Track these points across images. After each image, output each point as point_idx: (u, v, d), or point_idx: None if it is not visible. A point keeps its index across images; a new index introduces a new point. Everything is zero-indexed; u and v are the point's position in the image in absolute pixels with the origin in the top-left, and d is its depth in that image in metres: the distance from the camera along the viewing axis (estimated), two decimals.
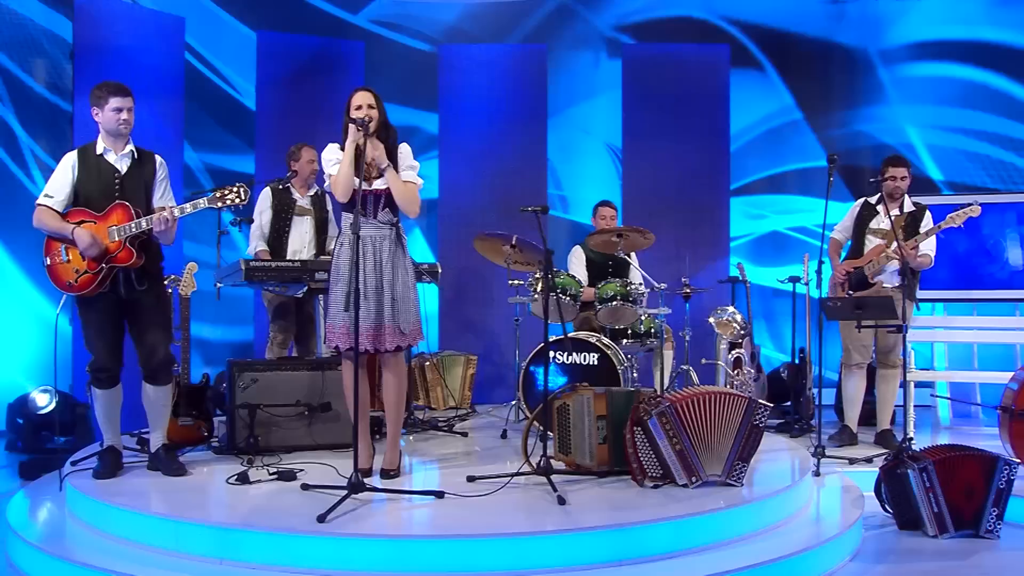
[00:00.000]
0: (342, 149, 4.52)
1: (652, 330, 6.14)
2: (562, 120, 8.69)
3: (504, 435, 5.82)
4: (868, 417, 6.62)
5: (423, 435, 5.92)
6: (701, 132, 8.22)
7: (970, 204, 5.78)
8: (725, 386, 6.51)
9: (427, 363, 7.03)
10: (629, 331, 6.09)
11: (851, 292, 6.00)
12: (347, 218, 4.59)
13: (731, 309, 6.53)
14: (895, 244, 5.85)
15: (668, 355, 6.34)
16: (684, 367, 6.34)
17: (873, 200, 6.24)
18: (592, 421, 4.60)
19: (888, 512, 4.83)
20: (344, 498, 3.90)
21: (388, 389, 4.65)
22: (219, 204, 4.52)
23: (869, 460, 5.66)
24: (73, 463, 4.81)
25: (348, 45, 8.17)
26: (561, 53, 8.83)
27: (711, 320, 6.62)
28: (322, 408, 5.22)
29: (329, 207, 6.28)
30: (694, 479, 4.37)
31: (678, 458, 4.36)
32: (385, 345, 4.50)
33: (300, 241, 6.07)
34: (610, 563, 3.69)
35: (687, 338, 6.46)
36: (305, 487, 4.27)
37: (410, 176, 4.62)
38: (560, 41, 8.94)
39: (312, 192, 6.21)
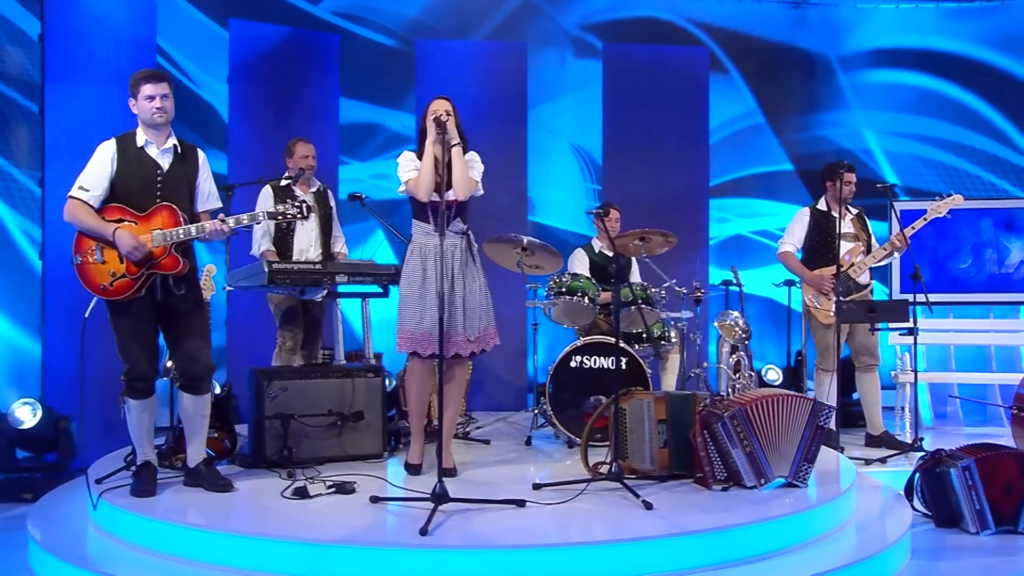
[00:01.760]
0: (418, 157, 4.75)
1: (665, 334, 6.26)
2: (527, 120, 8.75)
3: (528, 442, 5.86)
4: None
5: None
6: (681, 134, 8.39)
7: (951, 194, 6.15)
8: (727, 389, 6.69)
9: None
10: (644, 335, 6.20)
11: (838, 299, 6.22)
12: (418, 227, 4.80)
13: (735, 313, 6.71)
14: (865, 243, 6.31)
15: (675, 359, 6.47)
16: (696, 370, 6.49)
17: (823, 207, 6.52)
18: (653, 425, 4.69)
19: (917, 511, 5.06)
20: (434, 510, 3.86)
21: (451, 391, 4.82)
22: (278, 219, 4.50)
23: (884, 461, 5.92)
24: (98, 481, 4.60)
25: (322, 38, 8.02)
26: (526, 51, 8.89)
27: (716, 324, 6.79)
28: (354, 417, 5.14)
29: (332, 203, 6.19)
30: (763, 481, 4.51)
31: (748, 460, 4.49)
32: (458, 351, 4.72)
33: (306, 240, 5.95)
34: (714, 566, 3.79)
35: (698, 341, 6.62)
36: (374, 499, 4.20)
37: (474, 172, 4.83)
38: (525, 39, 8.99)
39: (314, 189, 6.11)
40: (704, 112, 8.48)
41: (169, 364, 5.47)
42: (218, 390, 5.23)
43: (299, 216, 4.44)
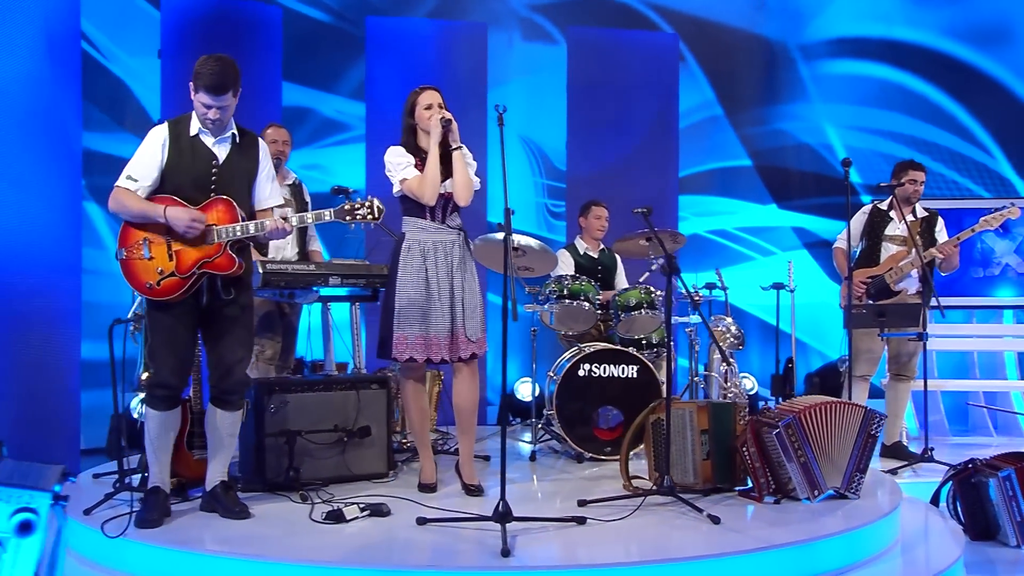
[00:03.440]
0: (410, 152, 4.93)
1: (665, 340, 6.53)
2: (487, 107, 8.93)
3: (533, 457, 6.04)
4: None
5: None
6: (649, 126, 8.70)
7: (1008, 207, 6.54)
8: (719, 397, 7.02)
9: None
10: (644, 341, 6.45)
11: (871, 302, 6.61)
12: (413, 223, 4.96)
13: (728, 319, 7.03)
14: (915, 250, 6.53)
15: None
16: (696, 378, 6.79)
17: (884, 206, 6.87)
18: (695, 436, 4.94)
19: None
20: (504, 530, 4.00)
21: (463, 399, 5.04)
22: (346, 219, 4.46)
23: (894, 472, 6.33)
24: (87, 512, 4.54)
25: (261, 10, 8.00)
26: (487, 33, 9.05)
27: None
28: (361, 433, 5.22)
29: (307, 198, 6.23)
30: (816, 493, 4.81)
31: (801, 471, 4.78)
32: (460, 353, 4.94)
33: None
34: None
35: (697, 347, 6.92)
36: (421, 521, 4.30)
37: (471, 172, 5.07)
38: (471, 19, 9.15)
39: (289, 181, 6.14)
40: (673, 103, 8.82)
41: (144, 377, 5.46)
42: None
43: (370, 218, 4.46)
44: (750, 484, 4.96)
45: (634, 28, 9.38)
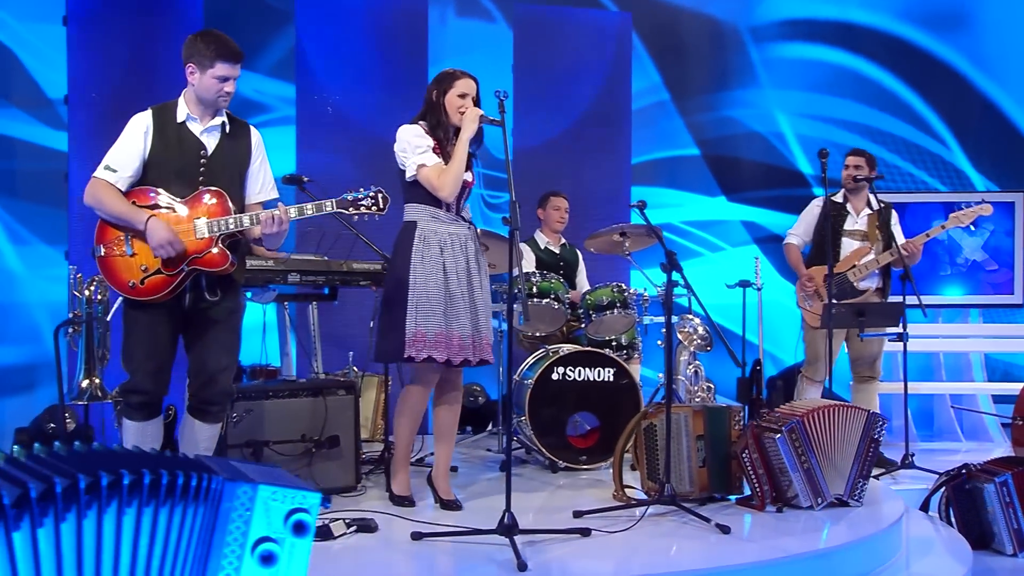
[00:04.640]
0: (427, 133, 4.93)
1: (635, 341, 6.72)
2: None
3: (503, 467, 6.13)
4: None
5: None
6: (598, 111, 8.89)
7: (980, 203, 6.88)
8: (687, 400, 7.23)
9: None
10: (614, 343, 6.61)
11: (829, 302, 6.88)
12: (423, 211, 4.93)
13: (696, 320, 7.24)
14: (878, 246, 6.85)
15: (635, 368, 6.92)
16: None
17: (838, 198, 7.18)
18: (691, 442, 5.13)
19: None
20: (514, 544, 4.11)
21: (448, 412, 5.14)
22: (350, 210, 4.43)
23: (877, 478, 6.60)
24: None
25: None
26: (427, 8, 9.08)
27: (678, 331, 7.30)
28: (329, 443, 5.27)
29: None
30: (819, 500, 5.04)
31: (805, 478, 5.00)
32: (481, 356, 4.98)
33: None
34: None
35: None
36: (417, 536, 4.39)
37: None
38: None
39: None
40: (626, 88, 9.02)
41: (84, 384, 5.44)
42: (166, 415, 5.19)
43: (375, 210, 4.47)
44: (747, 492, 5.18)
45: (577, 6, 9.51)
